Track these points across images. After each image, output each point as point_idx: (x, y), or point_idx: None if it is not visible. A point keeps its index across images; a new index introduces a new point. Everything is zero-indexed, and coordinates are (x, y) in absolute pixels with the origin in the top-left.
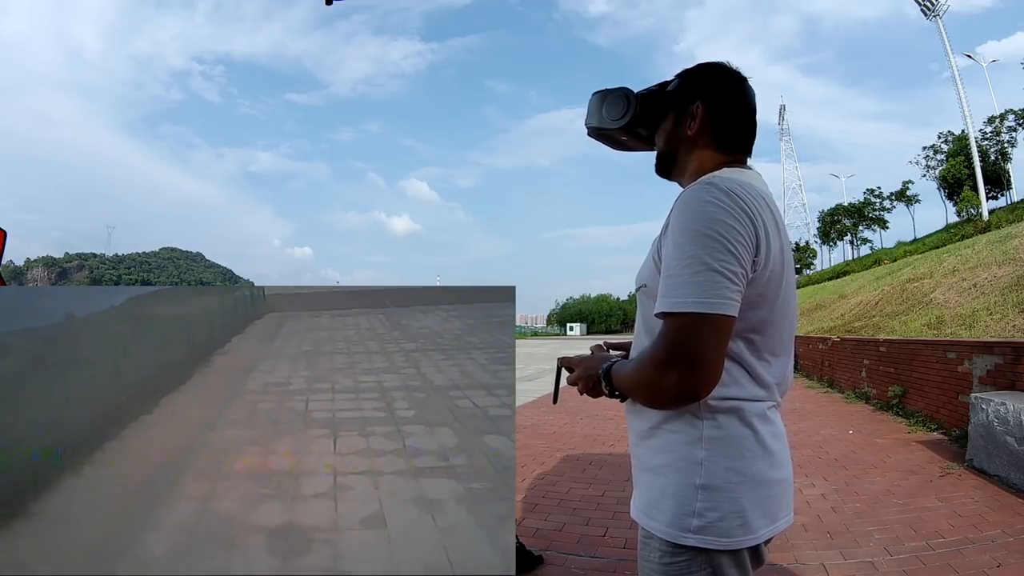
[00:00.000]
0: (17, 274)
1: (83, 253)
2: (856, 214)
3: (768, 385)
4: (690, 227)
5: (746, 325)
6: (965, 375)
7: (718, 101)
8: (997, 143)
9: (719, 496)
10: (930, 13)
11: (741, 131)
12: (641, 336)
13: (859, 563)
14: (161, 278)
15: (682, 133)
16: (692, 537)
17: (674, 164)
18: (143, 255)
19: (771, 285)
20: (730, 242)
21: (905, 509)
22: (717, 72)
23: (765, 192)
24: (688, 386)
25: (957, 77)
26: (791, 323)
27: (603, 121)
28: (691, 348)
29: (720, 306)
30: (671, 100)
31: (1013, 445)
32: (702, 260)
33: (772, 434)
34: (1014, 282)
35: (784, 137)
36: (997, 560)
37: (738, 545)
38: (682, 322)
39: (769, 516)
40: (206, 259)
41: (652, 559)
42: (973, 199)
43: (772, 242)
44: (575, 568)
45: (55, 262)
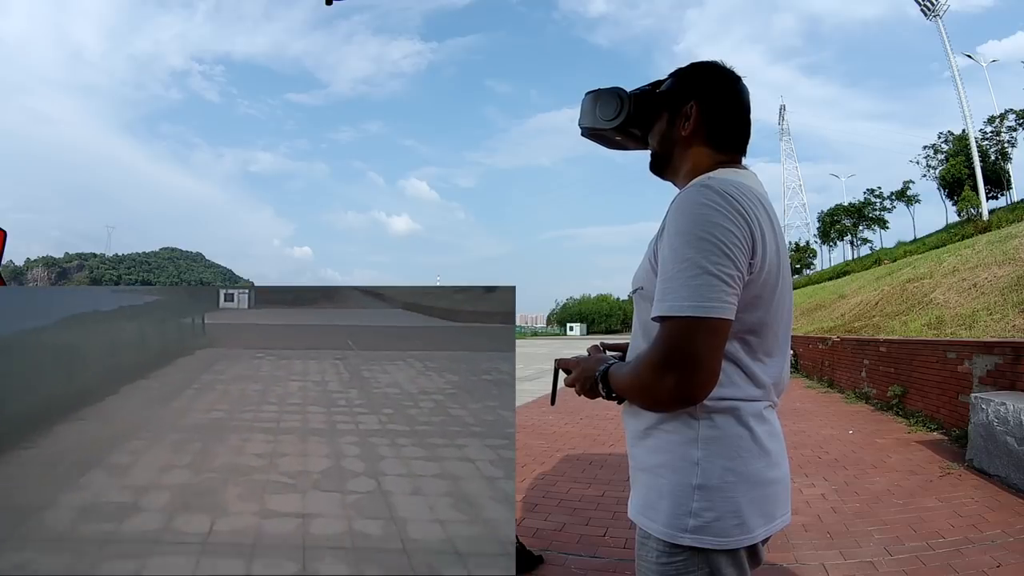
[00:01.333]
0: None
1: (83, 253)
2: (856, 214)
3: (764, 385)
4: (686, 230)
5: (742, 326)
6: (965, 375)
7: (712, 101)
8: (997, 143)
9: (716, 496)
10: (930, 13)
11: (736, 130)
12: (638, 338)
13: (859, 563)
14: (161, 278)
15: (676, 133)
16: (689, 537)
17: (668, 164)
18: (143, 255)
19: (767, 287)
20: (726, 245)
21: (905, 509)
22: (711, 71)
23: (760, 192)
24: (685, 389)
25: (957, 77)
26: (787, 323)
27: (597, 121)
28: (688, 352)
29: (717, 309)
30: (665, 100)
31: (1013, 445)
32: (698, 263)
33: (768, 434)
34: (1014, 282)
35: (784, 137)
36: (997, 560)
37: (735, 545)
38: (679, 326)
39: (766, 516)
40: (206, 259)
41: (650, 559)
42: (973, 199)
43: (768, 243)
44: (575, 568)
45: (55, 262)
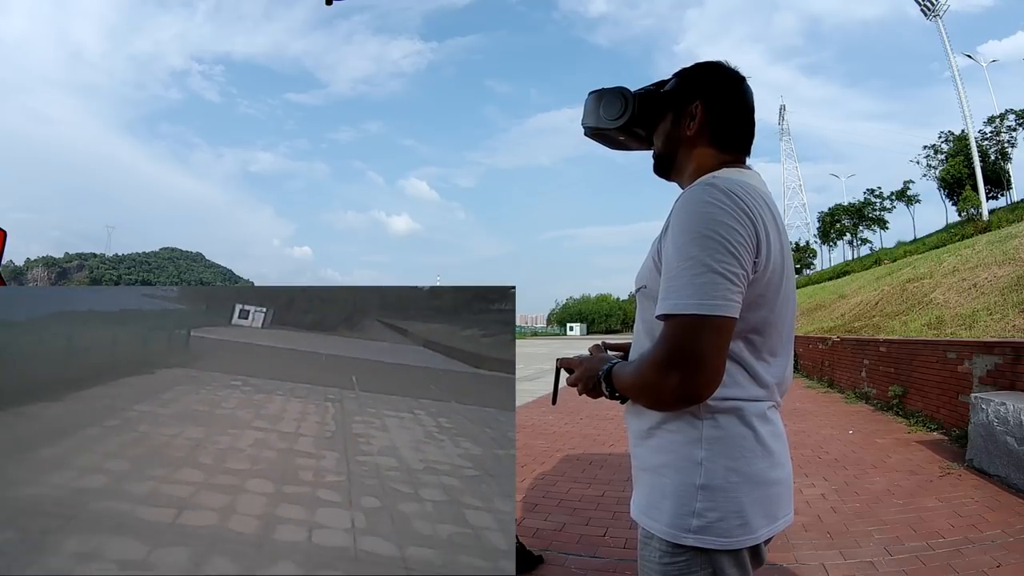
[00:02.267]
0: (17, 274)
1: (83, 253)
2: (856, 214)
3: (768, 385)
4: (690, 228)
5: (746, 325)
6: (965, 375)
7: (717, 101)
8: (997, 143)
9: (719, 496)
10: (930, 13)
11: (740, 131)
12: (641, 337)
13: (859, 563)
14: (161, 278)
15: (681, 133)
16: (692, 537)
17: (673, 164)
18: (143, 255)
19: (771, 286)
20: (731, 243)
21: (905, 509)
22: (716, 72)
23: (764, 192)
24: (689, 388)
25: (957, 77)
26: (790, 323)
27: (600, 121)
28: (692, 350)
29: (721, 307)
30: (669, 100)
31: (1013, 445)
32: (703, 262)
33: (772, 434)
34: (1014, 282)
35: (784, 137)
36: (997, 560)
37: (738, 545)
38: (683, 324)
39: (769, 516)
40: (206, 259)
41: (652, 559)
42: (973, 199)
43: (772, 242)
44: (575, 568)
45: (55, 262)
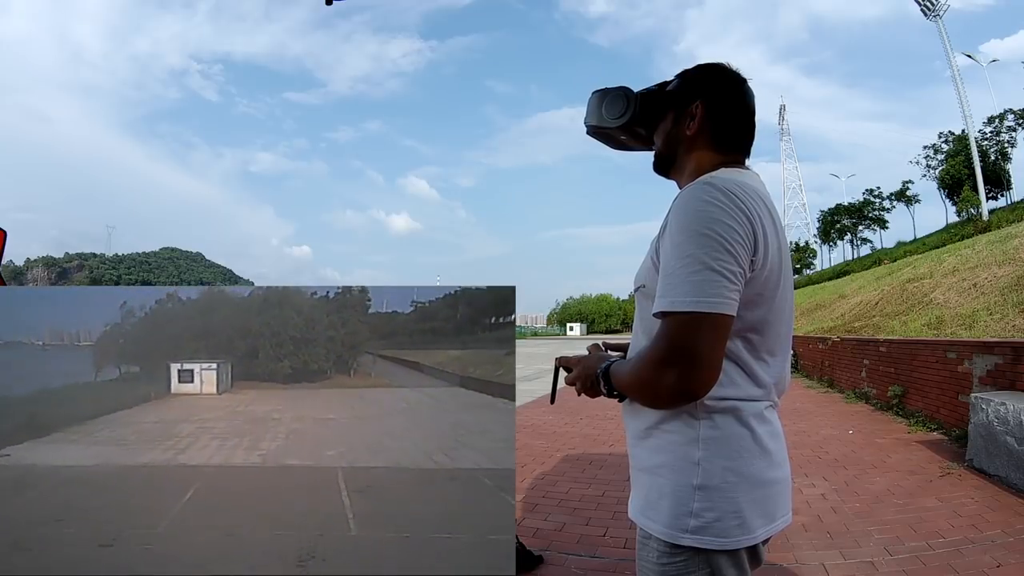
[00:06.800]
0: (17, 274)
1: (83, 253)
2: (856, 214)
3: (766, 385)
4: (688, 227)
5: (744, 324)
6: (965, 375)
7: (718, 101)
8: (997, 143)
9: (716, 496)
10: (930, 13)
11: (740, 132)
12: (639, 336)
13: (859, 563)
14: (161, 278)
15: (681, 133)
16: (690, 537)
17: (672, 163)
18: (143, 255)
19: (769, 285)
20: (728, 241)
21: (905, 509)
22: (717, 73)
23: (763, 192)
24: (687, 385)
25: (957, 77)
26: (788, 322)
27: (602, 120)
28: (690, 347)
29: (719, 305)
30: (671, 100)
31: (1013, 445)
32: (700, 259)
33: (769, 434)
34: (1014, 282)
35: (784, 137)
36: (997, 560)
37: (736, 545)
38: (681, 321)
39: (767, 516)
40: (206, 259)
41: (650, 559)
42: (973, 199)
43: (770, 241)
44: (575, 568)
45: (55, 262)
